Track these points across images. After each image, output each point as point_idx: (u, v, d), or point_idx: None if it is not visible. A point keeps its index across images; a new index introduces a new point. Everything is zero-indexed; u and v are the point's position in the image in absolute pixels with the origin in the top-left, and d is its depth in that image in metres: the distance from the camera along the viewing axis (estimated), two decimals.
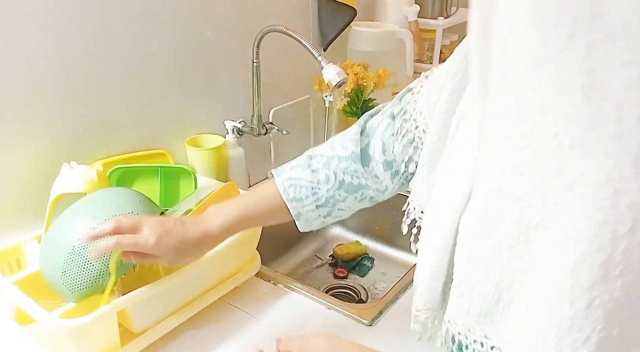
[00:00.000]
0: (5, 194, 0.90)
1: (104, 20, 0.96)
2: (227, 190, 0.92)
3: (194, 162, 1.17)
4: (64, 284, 0.73)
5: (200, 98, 1.20)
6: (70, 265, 0.73)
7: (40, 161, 0.93)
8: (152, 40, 1.06)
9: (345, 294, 1.25)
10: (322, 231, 1.48)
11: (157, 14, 1.05)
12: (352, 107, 1.40)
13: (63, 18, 0.90)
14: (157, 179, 0.98)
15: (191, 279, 0.83)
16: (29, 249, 0.88)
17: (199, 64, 1.17)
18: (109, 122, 1.02)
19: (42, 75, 0.90)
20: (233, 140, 1.24)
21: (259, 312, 0.91)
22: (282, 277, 1.02)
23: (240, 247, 0.92)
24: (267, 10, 1.30)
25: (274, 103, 1.35)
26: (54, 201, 0.86)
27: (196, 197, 0.92)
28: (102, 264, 0.73)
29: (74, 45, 0.93)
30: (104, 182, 0.89)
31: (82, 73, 0.96)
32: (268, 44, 1.18)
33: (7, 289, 0.76)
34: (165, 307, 0.83)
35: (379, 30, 1.48)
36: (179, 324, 0.85)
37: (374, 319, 0.90)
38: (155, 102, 1.10)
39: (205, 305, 0.89)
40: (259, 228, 0.95)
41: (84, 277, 0.73)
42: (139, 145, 1.09)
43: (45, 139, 0.93)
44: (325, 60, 1.07)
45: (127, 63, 1.02)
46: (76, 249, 0.73)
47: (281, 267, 1.33)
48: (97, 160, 1.01)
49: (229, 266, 0.93)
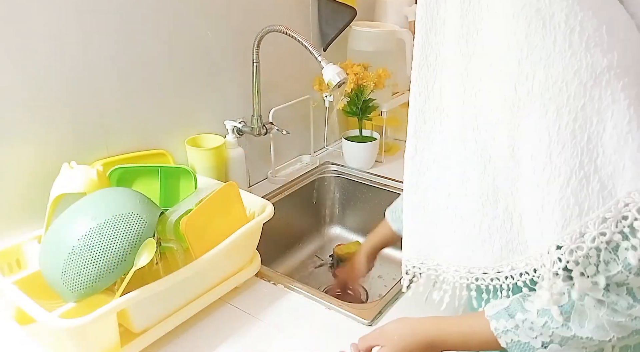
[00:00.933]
0: (5, 194, 0.90)
1: (103, 20, 0.96)
2: (227, 190, 0.92)
3: (194, 162, 1.17)
4: (64, 284, 0.73)
5: (200, 98, 1.20)
6: (70, 265, 0.73)
7: (40, 161, 0.93)
8: (152, 40, 1.06)
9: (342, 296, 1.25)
10: (322, 231, 1.48)
11: (157, 14, 1.05)
12: (352, 107, 1.40)
13: (63, 20, 0.90)
14: (157, 179, 0.97)
15: (191, 279, 0.83)
16: (29, 249, 0.88)
17: (199, 64, 1.17)
18: (109, 122, 1.02)
19: (42, 75, 0.90)
20: (233, 140, 1.24)
21: (259, 312, 0.91)
22: (282, 277, 1.02)
23: (240, 247, 0.92)
24: (267, 10, 1.30)
25: (274, 103, 1.35)
26: (54, 201, 0.86)
27: (196, 197, 0.92)
28: (102, 264, 0.73)
29: (73, 45, 0.93)
30: (104, 182, 0.89)
31: (82, 73, 0.96)
32: (268, 44, 1.18)
33: (7, 289, 0.76)
34: (165, 307, 0.83)
35: (379, 30, 1.48)
36: (179, 324, 0.85)
37: (374, 319, 0.90)
38: (155, 102, 1.10)
39: (205, 305, 0.89)
40: (258, 228, 0.95)
41: (84, 277, 0.73)
42: (139, 145, 1.09)
43: (45, 139, 0.93)
44: (325, 60, 1.07)
45: (127, 63, 1.02)
46: (76, 249, 0.73)
47: (281, 267, 1.33)
48: (97, 160, 1.01)
49: (229, 266, 0.93)
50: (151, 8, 1.04)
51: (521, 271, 0.61)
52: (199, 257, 0.83)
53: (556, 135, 0.52)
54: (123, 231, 0.74)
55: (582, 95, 0.51)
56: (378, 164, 1.50)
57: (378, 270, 1.32)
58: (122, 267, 0.74)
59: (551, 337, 0.59)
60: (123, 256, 0.74)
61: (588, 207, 0.52)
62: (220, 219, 0.89)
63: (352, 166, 1.47)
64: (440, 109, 0.64)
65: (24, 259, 0.88)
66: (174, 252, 0.86)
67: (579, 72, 0.51)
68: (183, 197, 0.96)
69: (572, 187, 0.52)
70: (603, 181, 0.51)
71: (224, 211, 0.91)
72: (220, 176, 1.19)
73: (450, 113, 0.63)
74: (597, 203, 0.51)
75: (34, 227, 0.91)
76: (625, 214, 0.50)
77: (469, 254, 0.65)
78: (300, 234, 1.43)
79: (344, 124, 1.61)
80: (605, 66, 0.51)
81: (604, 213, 0.51)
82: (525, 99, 0.54)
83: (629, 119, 0.50)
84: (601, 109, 0.51)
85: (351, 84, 1.34)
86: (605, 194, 0.51)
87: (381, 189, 1.39)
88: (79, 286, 0.73)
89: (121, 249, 0.74)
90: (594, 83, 0.51)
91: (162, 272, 0.85)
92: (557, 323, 0.58)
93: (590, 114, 0.51)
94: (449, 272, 0.68)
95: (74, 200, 0.81)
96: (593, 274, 0.53)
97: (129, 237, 0.74)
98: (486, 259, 0.64)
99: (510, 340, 0.61)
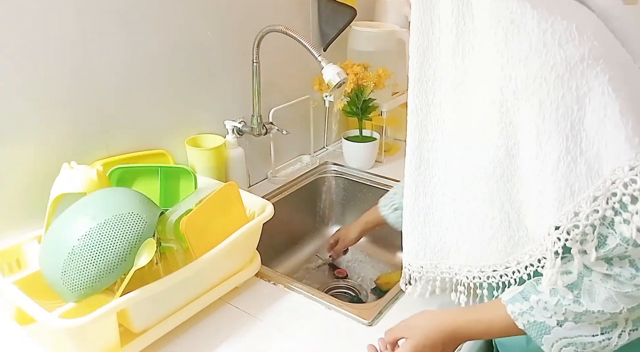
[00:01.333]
0: (5, 194, 0.90)
1: (104, 21, 0.96)
2: (227, 190, 0.92)
3: (194, 162, 1.17)
4: (64, 284, 0.73)
5: (201, 98, 1.20)
6: (70, 265, 0.73)
7: (40, 161, 0.93)
8: (153, 40, 1.06)
9: (345, 294, 1.25)
10: (322, 231, 1.48)
11: (157, 14, 1.05)
12: (352, 107, 1.40)
13: (63, 20, 0.90)
14: (157, 179, 0.97)
15: (192, 279, 0.83)
16: (28, 249, 0.87)
17: (199, 64, 1.17)
18: (109, 122, 1.02)
19: (42, 75, 0.90)
20: (233, 140, 1.24)
21: (259, 312, 0.91)
22: (282, 277, 1.02)
23: (240, 247, 0.92)
24: (267, 10, 1.30)
25: (274, 103, 1.35)
26: (54, 201, 0.86)
27: (196, 197, 0.92)
28: (102, 264, 0.73)
29: (74, 45, 0.93)
30: (104, 182, 0.89)
31: (82, 73, 0.96)
32: (268, 44, 1.18)
33: (7, 289, 0.76)
34: (166, 307, 0.83)
35: (379, 30, 1.48)
36: (179, 324, 0.85)
37: (374, 319, 0.90)
38: (155, 102, 1.10)
39: (205, 305, 0.89)
40: (259, 228, 0.96)
41: (84, 277, 0.73)
42: (139, 145, 1.09)
43: (45, 139, 0.93)
44: (325, 60, 1.07)
45: (127, 63, 1.02)
46: (76, 249, 0.73)
47: (281, 267, 1.33)
48: (97, 161, 1.01)
49: (229, 266, 0.93)
50: (151, 8, 1.04)
51: (526, 264, 0.64)
52: (199, 257, 0.83)
53: (542, 125, 0.57)
54: (123, 231, 0.74)
55: (561, 87, 0.56)
56: (378, 164, 1.50)
57: (378, 270, 1.33)
58: (122, 267, 0.74)
59: (565, 314, 0.62)
60: (123, 256, 0.74)
61: (579, 188, 0.56)
62: (220, 219, 0.89)
63: (352, 166, 1.47)
64: (441, 121, 0.69)
65: (24, 259, 0.87)
66: (174, 252, 0.86)
67: (555, 67, 0.57)
68: (183, 197, 0.96)
69: (561, 170, 0.56)
70: (589, 162, 0.56)
71: (224, 211, 0.90)
72: (220, 176, 1.19)
73: (449, 122, 0.68)
74: (587, 183, 0.56)
75: (34, 227, 0.91)
76: (614, 191, 0.54)
77: (479, 254, 0.69)
78: (300, 234, 1.43)
79: (344, 124, 1.61)
80: (578, 58, 0.56)
81: (594, 192, 0.55)
82: (511, 99, 0.59)
83: (604, 103, 0.55)
84: (579, 97, 0.56)
85: (351, 84, 1.34)
86: (592, 174, 0.55)
87: (381, 189, 1.39)
88: (79, 286, 0.73)
89: (121, 249, 0.74)
90: (570, 75, 0.56)
91: (162, 272, 0.85)
92: (569, 300, 0.61)
93: (570, 103, 0.56)
94: (462, 273, 0.73)
95: (74, 200, 0.81)
96: (592, 250, 0.57)
97: (129, 237, 0.74)
98: (493, 257, 0.67)
99: (526, 322, 0.64)
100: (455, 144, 0.68)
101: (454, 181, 0.70)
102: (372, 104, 1.41)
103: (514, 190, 0.62)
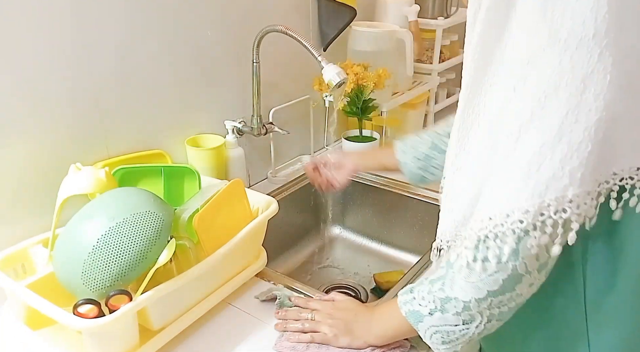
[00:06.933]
0: (5, 196, 0.90)
1: (103, 21, 0.96)
2: (234, 187, 0.94)
3: (194, 162, 1.17)
4: (84, 284, 0.73)
5: (200, 98, 1.21)
6: (92, 265, 0.73)
7: (39, 162, 0.93)
8: (152, 41, 1.06)
9: (345, 294, 1.25)
10: (322, 231, 1.49)
11: (157, 14, 1.05)
12: (352, 107, 1.41)
13: (63, 20, 0.90)
14: (160, 178, 0.97)
15: (208, 274, 0.84)
16: (34, 253, 0.87)
17: (199, 63, 1.17)
18: (109, 122, 1.02)
19: (42, 75, 0.90)
20: (233, 140, 1.25)
21: (259, 312, 0.92)
22: (283, 277, 1.02)
23: (250, 241, 0.95)
24: (267, 10, 1.30)
25: (274, 103, 1.35)
26: (63, 203, 0.86)
27: (204, 195, 0.92)
28: (124, 263, 0.73)
29: (73, 46, 0.93)
30: (112, 183, 0.89)
31: (82, 73, 0.96)
32: (268, 44, 1.19)
33: (22, 292, 0.75)
34: (183, 303, 0.84)
35: (379, 30, 1.49)
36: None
37: None
38: (155, 102, 1.10)
39: (220, 299, 0.91)
40: (265, 223, 0.98)
41: (106, 276, 0.73)
42: (139, 146, 1.09)
43: (44, 140, 0.93)
44: (325, 60, 1.08)
45: (127, 63, 1.02)
46: (96, 248, 0.73)
47: (281, 267, 1.33)
48: (97, 161, 1.01)
49: (240, 260, 0.95)
50: (151, 8, 1.04)
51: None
52: (211, 253, 0.84)
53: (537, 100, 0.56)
54: (142, 229, 0.75)
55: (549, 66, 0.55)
56: None
57: (378, 270, 1.33)
58: (143, 265, 0.75)
59: (434, 302, 0.68)
60: (144, 254, 0.74)
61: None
62: (228, 215, 0.90)
63: None
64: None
65: (30, 264, 0.87)
66: (187, 250, 0.87)
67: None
68: (187, 196, 0.96)
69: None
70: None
71: (231, 208, 0.92)
72: (220, 176, 1.20)
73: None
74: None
75: (38, 231, 0.90)
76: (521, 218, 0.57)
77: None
78: (300, 234, 1.43)
79: (344, 124, 1.61)
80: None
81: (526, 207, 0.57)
82: (522, 89, 0.58)
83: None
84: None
85: (351, 84, 1.34)
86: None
87: (381, 188, 1.39)
88: (100, 285, 0.73)
89: (141, 247, 0.74)
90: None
91: (176, 272, 0.86)
92: (436, 287, 0.68)
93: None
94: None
95: (81, 201, 0.81)
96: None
97: (149, 234, 0.75)
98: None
99: (407, 310, 0.72)
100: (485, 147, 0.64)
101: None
102: (372, 104, 1.41)
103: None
